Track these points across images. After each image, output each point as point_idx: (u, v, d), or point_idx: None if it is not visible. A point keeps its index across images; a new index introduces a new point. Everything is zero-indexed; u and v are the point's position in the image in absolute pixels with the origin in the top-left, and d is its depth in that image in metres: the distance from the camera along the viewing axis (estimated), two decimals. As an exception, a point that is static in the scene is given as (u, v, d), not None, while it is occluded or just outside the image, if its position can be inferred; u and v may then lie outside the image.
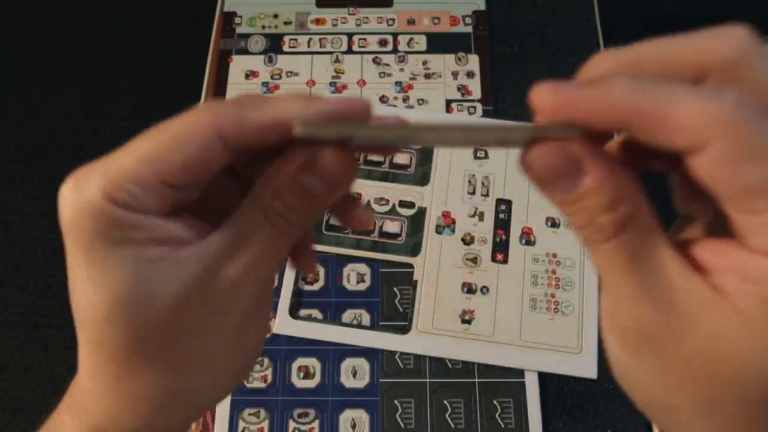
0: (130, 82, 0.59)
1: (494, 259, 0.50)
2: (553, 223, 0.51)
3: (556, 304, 0.49)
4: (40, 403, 0.47)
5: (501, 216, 0.52)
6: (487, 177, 0.53)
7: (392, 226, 0.51)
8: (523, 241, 0.51)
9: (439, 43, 0.59)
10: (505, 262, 0.50)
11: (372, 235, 0.51)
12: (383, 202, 0.52)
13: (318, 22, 0.60)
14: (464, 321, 0.48)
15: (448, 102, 0.56)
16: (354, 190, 0.25)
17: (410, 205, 0.52)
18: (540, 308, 0.49)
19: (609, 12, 0.61)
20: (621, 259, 0.18)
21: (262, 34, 0.60)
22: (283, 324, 0.48)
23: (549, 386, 0.47)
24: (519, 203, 0.52)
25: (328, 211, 0.23)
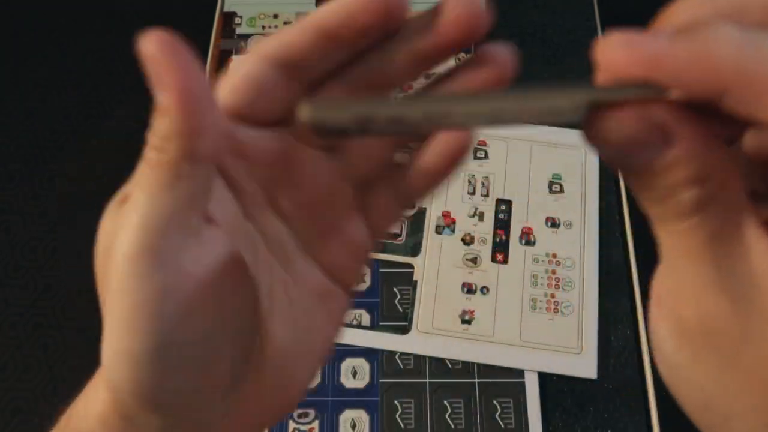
0: (130, 82, 0.59)
1: (494, 259, 0.50)
2: (553, 223, 0.51)
3: (555, 304, 0.49)
4: (40, 403, 0.47)
5: (501, 216, 0.52)
6: (487, 177, 0.53)
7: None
8: (523, 241, 0.51)
9: (439, 43, 0.59)
10: (505, 262, 0.50)
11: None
12: (383, 202, 0.52)
13: (318, 22, 0.60)
14: (464, 321, 0.48)
15: (448, 102, 0.56)
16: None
17: (410, 205, 0.52)
18: (540, 308, 0.49)
19: (609, 12, 0.61)
20: (696, 240, 0.15)
21: (262, 34, 0.60)
22: (283, 324, 0.48)
23: (549, 386, 0.47)
24: (519, 203, 0.52)
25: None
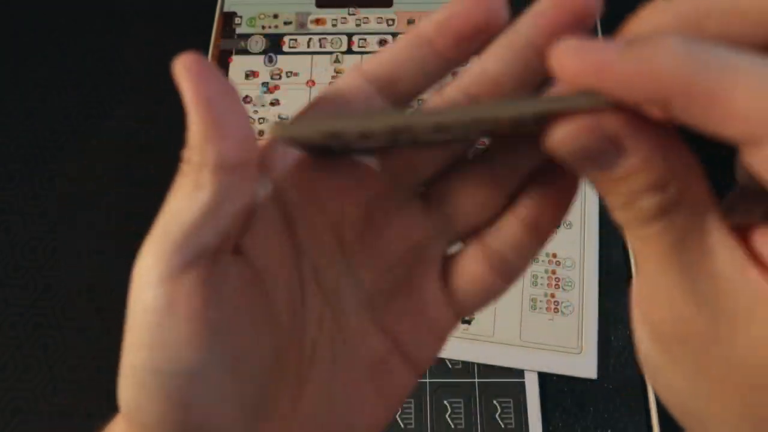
0: (130, 82, 0.59)
1: (494, 259, 0.50)
2: (553, 223, 0.51)
3: (555, 304, 0.49)
4: (40, 403, 0.47)
5: (501, 216, 0.52)
6: (487, 177, 0.53)
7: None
8: (523, 241, 0.51)
9: (439, 43, 0.59)
10: (505, 262, 0.50)
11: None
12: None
13: (318, 22, 0.60)
14: (464, 321, 0.48)
15: (448, 102, 0.56)
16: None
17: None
18: (540, 308, 0.49)
19: (609, 12, 0.61)
20: (662, 246, 0.15)
21: (262, 34, 0.60)
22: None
23: (549, 386, 0.47)
24: (519, 203, 0.52)
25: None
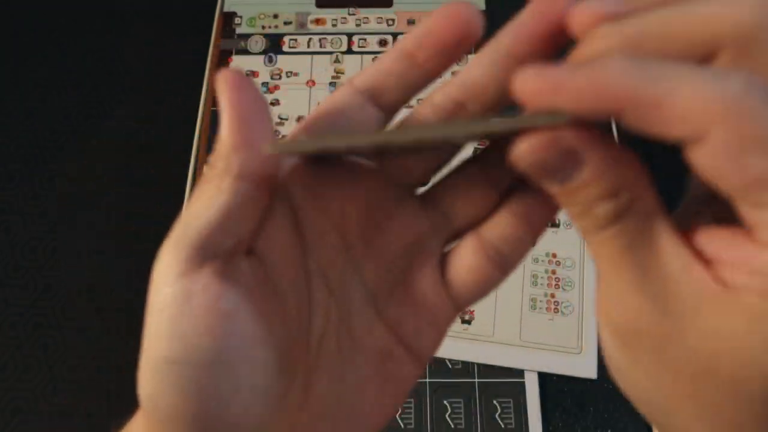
0: (130, 82, 0.59)
1: (494, 259, 0.50)
2: (553, 223, 0.51)
3: (555, 304, 0.49)
4: (40, 403, 0.47)
5: (501, 216, 0.52)
6: (487, 177, 0.53)
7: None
8: (523, 241, 0.51)
9: (439, 43, 0.59)
10: (505, 262, 0.50)
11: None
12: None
13: (318, 22, 0.60)
14: (464, 321, 0.48)
15: (448, 102, 0.56)
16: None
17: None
18: (540, 308, 0.49)
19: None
20: (616, 249, 0.17)
21: (262, 34, 0.60)
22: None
23: (549, 386, 0.47)
24: (519, 203, 0.52)
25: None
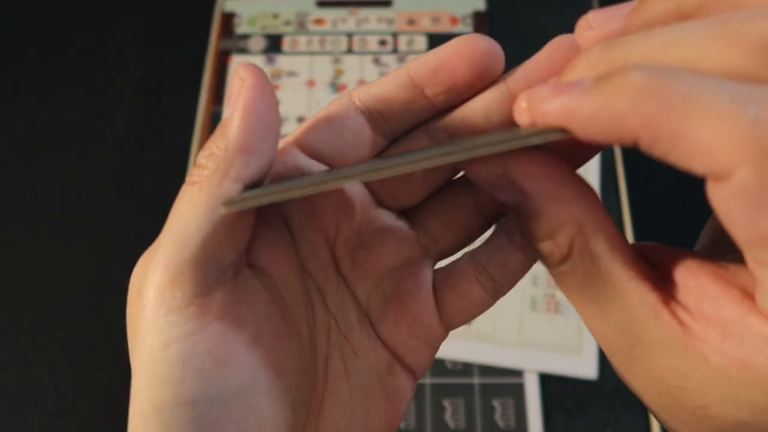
0: (130, 82, 0.59)
1: (494, 260, 0.50)
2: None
3: (555, 304, 0.49)
4: (40, 403, 0.47)
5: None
6: (487, 177, 0.53)
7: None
8: (523, 241, 0.51)
9: (439, 44, 0.59)
10: (505, 262, 0.50)
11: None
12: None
13: (318, 22, 0.60)
14: (464, 321, 0.48)
15: (448, 102, 0.56)
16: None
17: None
18: (540, 308, 0.49)
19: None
20: (573, 283, 0.17)
21: (262, 34, 0.60)
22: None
23: (549, 386, 0.47)
24: (519, 203, 0.52)
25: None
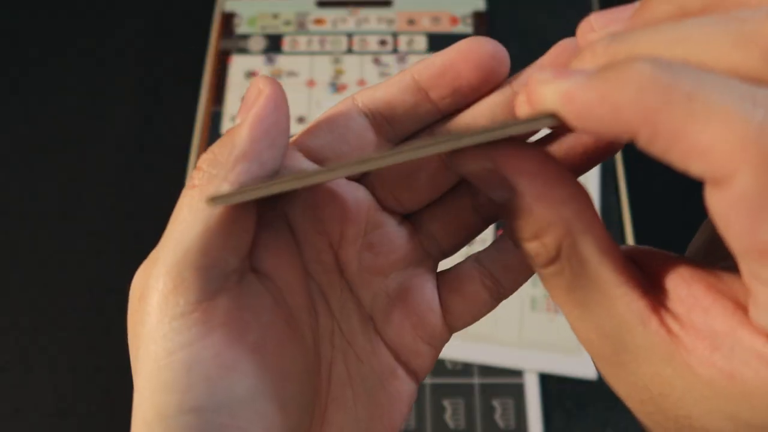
0: (130, 82, 0.59)
1: (494, 260, 0.50)
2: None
3: (556, 304, 0.49)
4: (40, 403, 0.47)
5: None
6: (487, 177, 0.53)
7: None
8: (523, 241, 0.51)
9: (439, 44, 0.59)
10: (505, 262, 0.50)
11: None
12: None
13: (318, 22, 0.60)
14: (464, 321, 0.48)
15: (448, 102, 0.56)
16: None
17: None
18: (540, 308, 0.49)
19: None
20: (560, 286, 0.16)
21: (262, 34, 0.60)
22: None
23: (549, 386, 0.47)
24: (519, 203, 0.52)
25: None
